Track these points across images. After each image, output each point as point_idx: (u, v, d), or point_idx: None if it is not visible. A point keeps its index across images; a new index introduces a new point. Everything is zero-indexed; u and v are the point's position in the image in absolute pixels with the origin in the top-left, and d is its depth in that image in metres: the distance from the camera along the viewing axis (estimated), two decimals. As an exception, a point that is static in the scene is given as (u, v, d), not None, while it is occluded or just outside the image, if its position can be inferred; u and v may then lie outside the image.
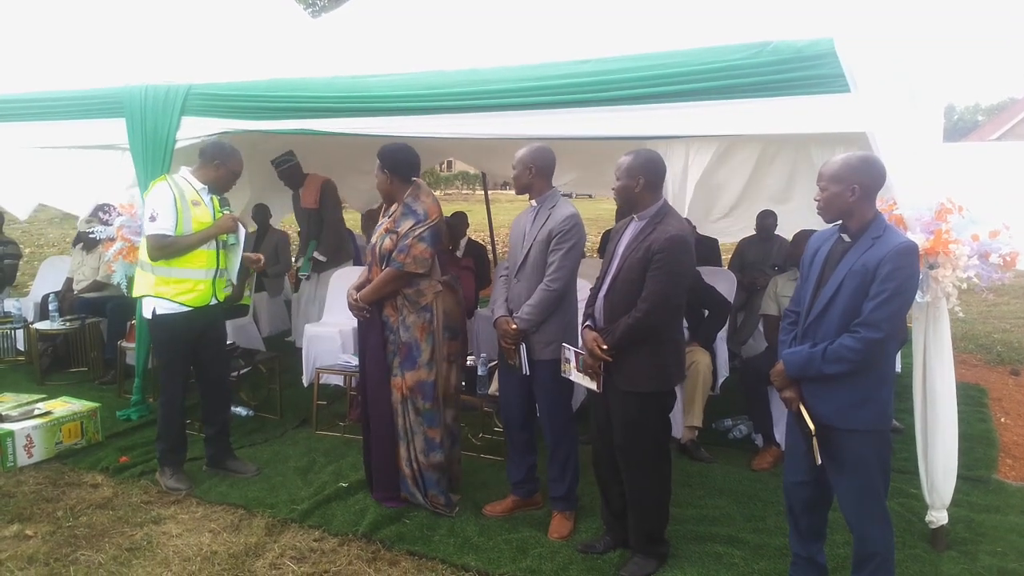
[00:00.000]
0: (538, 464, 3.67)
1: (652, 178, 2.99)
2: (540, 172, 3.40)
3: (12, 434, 4.09)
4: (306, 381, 5.55)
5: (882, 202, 2.99)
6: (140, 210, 4.17)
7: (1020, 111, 28.34)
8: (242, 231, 3.94)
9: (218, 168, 3.83)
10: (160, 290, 3.74)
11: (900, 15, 3.18)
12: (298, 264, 6.72)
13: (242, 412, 4.99)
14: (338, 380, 5.26)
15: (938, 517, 3.28)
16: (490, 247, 9.96)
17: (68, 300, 6.19)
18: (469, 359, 4.45)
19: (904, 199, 3.01)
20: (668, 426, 3.16)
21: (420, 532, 3.43)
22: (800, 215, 5.27)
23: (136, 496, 3.81)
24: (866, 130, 2.97)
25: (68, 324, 5.79)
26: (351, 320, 5.63)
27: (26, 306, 6.61)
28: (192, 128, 4.41)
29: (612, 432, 3.10)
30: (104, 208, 4.92)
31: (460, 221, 6.16)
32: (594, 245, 8.39)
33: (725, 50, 3.14)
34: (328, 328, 5.64)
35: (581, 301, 3.66)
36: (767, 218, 6.08)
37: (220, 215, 3.88)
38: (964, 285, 3.00)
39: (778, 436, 4.26)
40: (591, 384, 3.09)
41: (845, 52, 2.91)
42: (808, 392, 2.61)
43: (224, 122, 4.35)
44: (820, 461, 2.57)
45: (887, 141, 2.93)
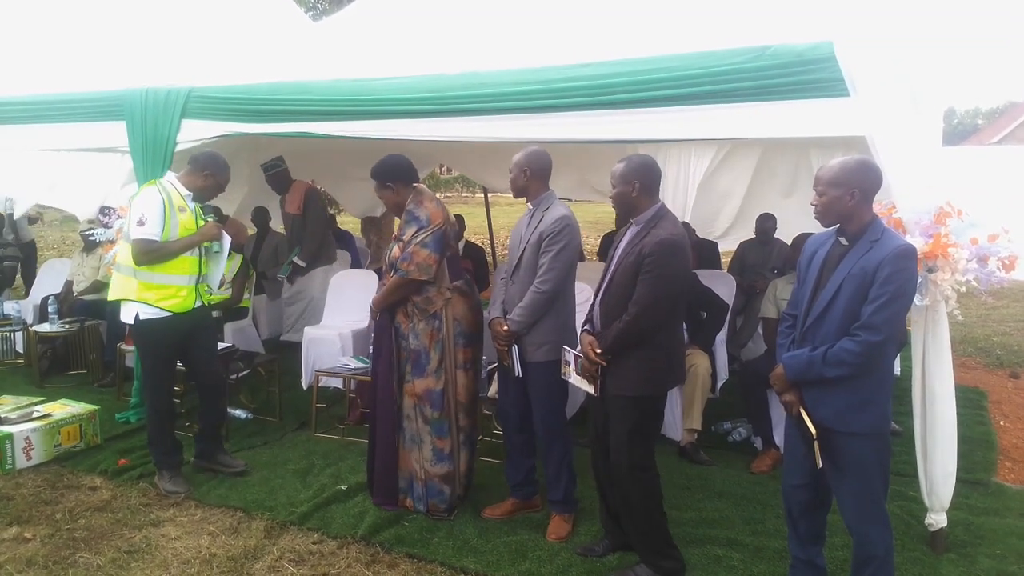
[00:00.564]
0: (537, 466, 3.66)
1: (647, 182, 2.98)
2: (535, 175, 3.40)
3: (11, 436, 4.09)
4: (305, 384, 5.56)
5: (881, 206, 3.00)
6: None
7: (1020, 115, 28.39)
8: (226, 239, 3.95)
9: (207, 179, 3.84)
10: (144, 295, 3.71)
11: (900, 19, 3.19)
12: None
13: (241, 415, 4.98)
14: (337, 383, 5.26)
15: (937, 520, 3.28)
16: (489, 250, 9.96)
17: (68, 303, 6.20)
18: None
19: (903, 203, 3.01)
20: (651, 437, 3.09)
21: (419, 535, 3.42)
22: (799, 219, 5.27)
23: (135, 499, 3.80)
24: (866, 134, 2.97)
25: (67, 326, 5.79)
26: (350, 323, 5.68)
27: (25, 308, 6.60)
28: (193, 131, 4.40)
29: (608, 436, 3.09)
30: (105, 211, 4.92)
31: (456, 223, 6.16)
32: (594, 248, 8.38)
33: (725, 54, 3.15)
34: (327, 331, 5.64)
35: (580, 303, 3.67)
36: (766, 221, 6.08)
37: (203, 222, 3.87)
38: (963, 288, 3.00)
39: (777, 439, 4.26)
40: (589, 388, 3.09)
41: (845, 56, 2.91)
42: (808, 396, 2.61)
43: (225, 125, 4.34)
44: (821, 465, 2.57)
45: (887, 145, 2.94)
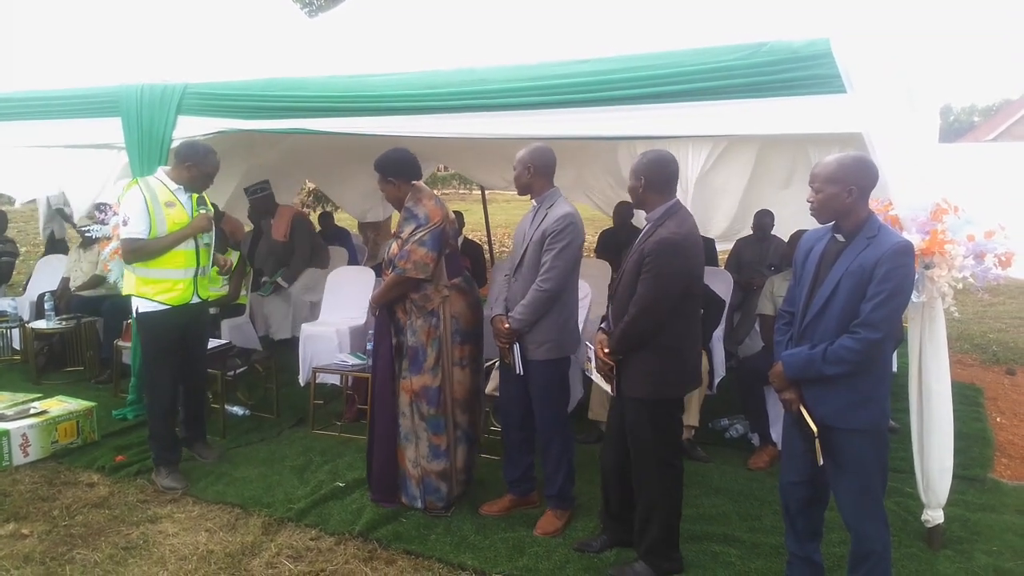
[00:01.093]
0: (535, 463, 3.66)
1: (654, 178, 2.93)
2: (539, 171, 3.40)
3: (8, 433, 4.08)
4: (303, 380, 5.55)
5: (877, 202, 3.00)
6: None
7: (1016, 112, 28.38)
8: (213, 230, 3.97)
9: (190, 169, 3.86)
10: (142, 290, 3.80)
11: (896, 15, 3.19)
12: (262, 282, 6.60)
13: (238, 411, 4.98)
14: (335, 379, 5.26)
15: (934, 516, 3.29)
16: (487, 246, 9.96)
17: (65, 299, 6.19)
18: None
19: (900, 199, 3.02)
20: (671, 437, 3.05)
21: (416, 531, 3.43)
22: (796, 216, 5.27)
23: (132, 495, 3.80)
24: (862, 131, 2.97)
25: (64, 323, 5.78)
26: (347, 320, 5.68)
27: (22, 305, 6.60)
28: (188, 127, 4.39)
29: (624, 436, 3.07)
30: (100, 207, 4.91)
31: (456, 220, 6.14)
32: (591, 245, 8.36)
33: (721, 50, 3.14)
34: (325, 327, 5.63)
35: (581, 300, 3.66)
36: (764, 217, 6.08)
37: (197, 214, 3.90)
38: (960, 285, 3.01)
39: (774, 435, 4.27)
40: (606, 385, 3.08)
41: (841, 52, 2.91)
42: (808, 393, 2.61)
43: (220, 121, 4.33)
44: (822, 462, 2.57)
45: (883, 142, 2.94)
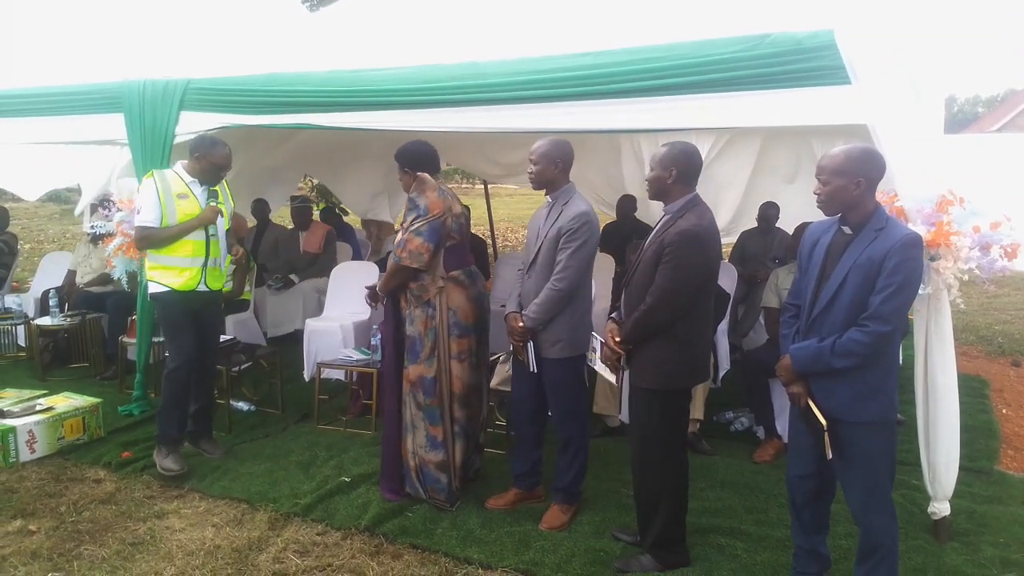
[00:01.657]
0: (543, 458, 3.66)
1: (685, 169, 2.92)
2: (565, 167, 3.37)
3: (14, 430, 4.10)
4: (307, 376, 5.56)
5: (883, 194, 2.98)
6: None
7: (1020, 103, 28.28)
8: (220, 222, 4.04)
9: (199, 160, 3.97)
10: (152, 273, 4.04)
11: (901, 6, 3.16)
12: (272, 279, 6.75)
13: (244, 407, 4.99)
14: (339, 375, 5.26)
15: (940, 508, 3.28)
16: (490, 241, 9.95)
17: (72, 293, 6.19)
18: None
19: (905, 191, 3.00)
20: (678, 428, 3.05)
21: (423, 525, 3.43)
22: (801, 208, 5.25)
23: (139, 491, 3.82)
24: (867, 122, 2.95)
25: (69, 320, 5.79)
26: (352, 314, 5.68)
27: (27, 302, 6.61)
28: (191, 123, 4.39)
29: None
30: (105, 203, 4.91)
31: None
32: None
33: (724, 42, 3.12)
34: (330, 322, 5.64)
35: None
36: (769, 209, 6.06)
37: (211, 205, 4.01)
38: (965, 277, 2.99)
39: (780, 428, 4.27)
40: (610, 376, 3.08)
41: (846, 44, 2.89)
42: (816, 387, 2.60)
43: (223, 116, 4.33)
44: (831, 456, 2.56)
45: (888, 133, 2.92)
